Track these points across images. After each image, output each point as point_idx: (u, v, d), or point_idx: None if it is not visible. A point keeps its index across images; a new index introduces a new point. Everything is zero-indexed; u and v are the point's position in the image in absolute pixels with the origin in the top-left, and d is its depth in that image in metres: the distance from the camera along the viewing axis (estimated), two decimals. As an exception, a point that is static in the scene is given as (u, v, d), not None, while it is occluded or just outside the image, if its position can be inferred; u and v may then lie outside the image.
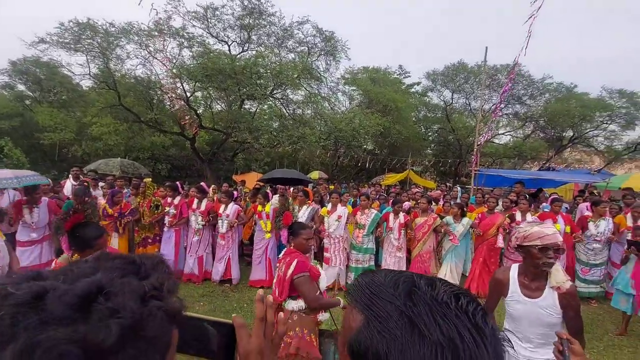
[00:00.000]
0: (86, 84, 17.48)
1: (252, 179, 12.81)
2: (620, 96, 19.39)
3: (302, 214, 5.72)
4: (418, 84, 23.49)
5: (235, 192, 7.24)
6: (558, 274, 1.81)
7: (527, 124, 22.43)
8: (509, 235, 5.14)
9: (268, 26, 14.39)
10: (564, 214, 5.80)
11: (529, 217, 5.66)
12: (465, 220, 5.73)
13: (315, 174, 17.84)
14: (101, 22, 12.49)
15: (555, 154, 22.76)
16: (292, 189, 7.79)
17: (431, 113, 23.14)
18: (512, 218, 5.79)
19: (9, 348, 0.36)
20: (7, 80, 19.46)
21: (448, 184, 13.67)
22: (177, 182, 6.96)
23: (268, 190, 7.35)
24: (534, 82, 19.90)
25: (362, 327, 0.51)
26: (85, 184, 6.77)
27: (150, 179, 7.25)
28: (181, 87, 13.53)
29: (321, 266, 5.80)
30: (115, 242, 5.40)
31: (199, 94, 15.64)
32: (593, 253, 5.42)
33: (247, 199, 6.92)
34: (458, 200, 8.83)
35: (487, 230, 5.63)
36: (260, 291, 0.71)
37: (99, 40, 12.46)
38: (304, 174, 10.01)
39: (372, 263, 5.79)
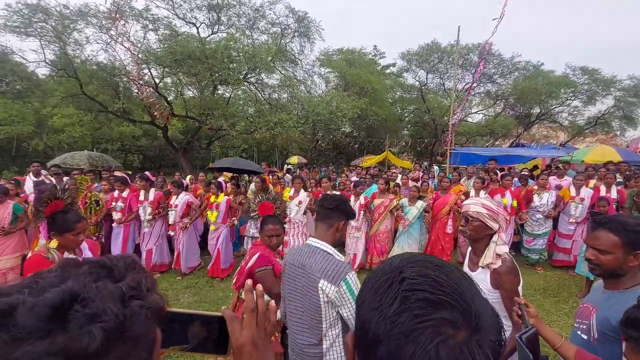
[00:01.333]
0: (42, 71, 16.25)
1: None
2: (582, 73, 20.28)
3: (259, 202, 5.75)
4: (393, 64, 23.52)
5: (222, 184, 6.96)
6: (488, 253, 1.83)
7: (497, 102, 23.12)
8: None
9: (238, 6, 13.76)
10: (512, 189, 6.07)
11: (482, 194, 5.88)
12: (420, 203, 5.89)
13: (294, 159, 17.70)
14: (54, 4, 11.47)
15: (524, 131, 23.73)
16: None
17: (407, 94, 23.31)
18: (466, 195, 6.00)
19: None
20: (-51, 70, 17.76)
21: (424, 164, 13.96)
22: (147, 172, 6.58)
23: (221, 180, 7.19)
24: (504, 61, 20.40)
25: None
26: (48, 180, 6.34)
27: (82, 176, 6.73)
28: (149, 74, 12.81)
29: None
30: (52, 243, 4.90)
31: (168, 80, 14.91)
32: (537, 224, 5.79)
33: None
34: (436, 180, 9.08)
35: (440, 209, 5.78)
36: (249, 281, 0.69)
37: (53, 24, 11.46)
38: (255, 164, 9.87)
39: None
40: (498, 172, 8.59)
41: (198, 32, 14.03)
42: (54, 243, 2.14)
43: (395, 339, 0.46)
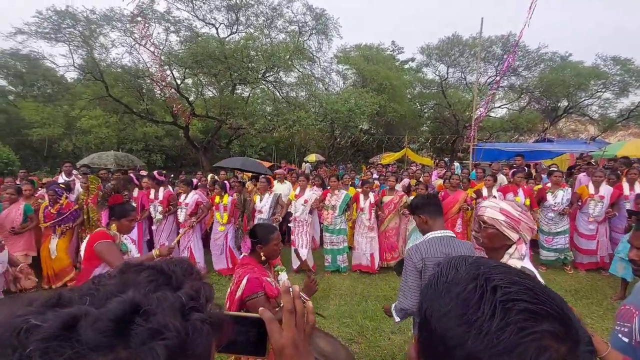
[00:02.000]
0: (71, 75, 16.90)
1: (249, 166, 12.68)
2: (614, 63, 19.26)
3: (265, 202, 5.74)
4: (412, 59, 23.08)
5: (226, 184, 7.08)
6: (506, 262, 1.63)
7: (522, 95, 22.30)
8: (475, 212, 5.20)
9: (256, 5, 13.83)
10: (525, 187, 5.80)
11: (494, 192, 5.68)
12: None
13: (312, 157, 17.72)
14: (81, 10, 11.89)
15: (551, 125, 22.81)
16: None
17: (426, 89, 22.84)
18: (478, 194, 5.81)
19: None
20: (-16, 76, 18.80)
21: (444, 160, 13.64)
22: (155, 172, 6.71)
23: (226, 181, 7.29)
24: (529, 53, 19.63)
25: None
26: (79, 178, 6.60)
27: (94, 175, 6.96)
28: (171, 75, 13.11)
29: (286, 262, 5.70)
30: (54, 243, 4.94)
31: (189, 81, 15.22)
32: (553, 222, 5.52)
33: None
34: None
35: (449, 208, 5.53)
36: (287, 282, 0.69)
37: (81, 29, 11.90)
38: (263, 166, 9.97)
39: (346, 244, 5.83)
40: (526, 168, 8.30)
41: (217, 33, 14.23)
42: (113, 228, 2.59)
43: (497, 355, 0.42)
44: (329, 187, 5.99)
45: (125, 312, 0.38)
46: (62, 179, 6.85)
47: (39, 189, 6.26)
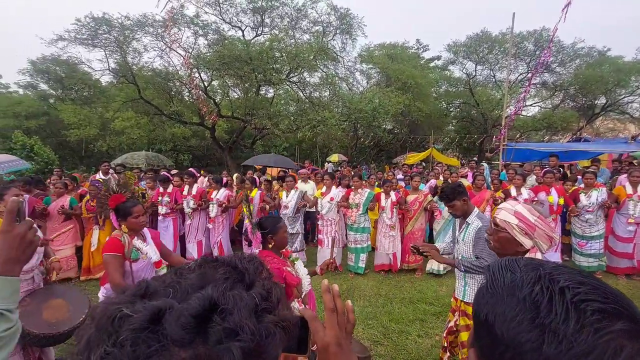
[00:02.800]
0: (105, 79, 17.75)
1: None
2: (659, 57, 18.01)
3: (291, 198, 5.83)
4: (438, 57, 22.54)
5: (256, 179, 7.29)
6: None
7: (556, 93, 21.25)
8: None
9: (281, 7, 13.98)
10: (557, 186, 5.58)
11: (524, 192, 5.50)
12: None
13: (334, 157, 17.69)
14: (116, 16, 12.48)
15: (587, 124, 21.61)
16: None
17: (453, 87, 22.22)
18: (506, 194, 5.65)
19: None
20: (29, 80, 20.07)
21: (472, 160, 13.22)
22: (191, 169, 7.06)
23: (255, 177, 7.46)
24: (564, 48, 18.67)
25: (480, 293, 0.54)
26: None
27: (131, 171, 7.46)
28: (199, 77, 13.49)
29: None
30: (95, 236, 5.31)
31: (215, 82, 15.59)
32: (587, 225, 5.28)
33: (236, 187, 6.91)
34: (488, 178, 8.58)
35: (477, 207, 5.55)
36: (325, 281, 0.70)
37: (116, 35, 12.48)
38: (292, 162, 10.20)
39: (369, 243, 5.85)
40: (560, 169, 7.93)
41: (243, 35, 14.50)
42: (124, 228, 2.53)
43: (574, 358, 0.41)
44: (352, 187, 6.03)
45: (204, 310, 0.40)
46: (99, 177, 7.30)
47: (81, 185, 6.73)
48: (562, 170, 8.22)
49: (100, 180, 6.15)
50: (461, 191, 2.70)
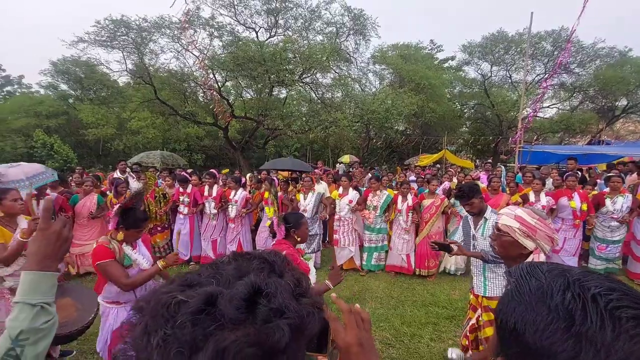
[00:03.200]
0: (123, 80, 18.17)
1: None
2: (685, 57, 17.34)
3: (309, 201, 5.85)
4: (452, 58, 22.28)
5: (275, 180, 7.35)
6: None
7: (575, 94, 20.70)
8: None
9: (295, 8, 14.05)
10: (580, 191, 5.40)
11: (542, 197, 5.37)
12: None
13: (346, 158, 17.65)
14: (134, 18, 12.76)
15: (606, 126, 20.97)
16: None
17: (467, 88, 21.87)
18: (524, 199, 5.51)
19: (200, 355, 0.38)
20: (50, 80, 20.73)
21: (490, 162, 12.97)
22: (213, 170, 7.17)
23: (274, 177, 7.49)
24: (584, 48, 18.17)
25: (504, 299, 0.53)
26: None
27: (151, 171, 7.65)
28: (213, 78, 13.67)
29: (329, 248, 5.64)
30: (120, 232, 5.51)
31: (229, 83, 15.76)
32: (609, 230, 5.20)
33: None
34: (503, 180, 8.42)
35: None
36: (333, 295, 0.74)
37: (133, 36, 12.76)
38: (308, 165, 10.38)
39: (385, 243, 5.90)
40: (579, 172, 7.71)
41: (257, 36, 14.63)
42: (120, 235, 2.42)
43: None
44: (367, 188, 6.03)
45: (251, 293, 0.43)
46: (116, 175, 7.47)
47: (104, 183, 6.94)
48: (580, 173, 8.00)
49: (121, 179, 6.33)
50: (478, 189, 2.91)
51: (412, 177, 9.03)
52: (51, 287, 0.89)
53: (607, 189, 5.44)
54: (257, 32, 14.67)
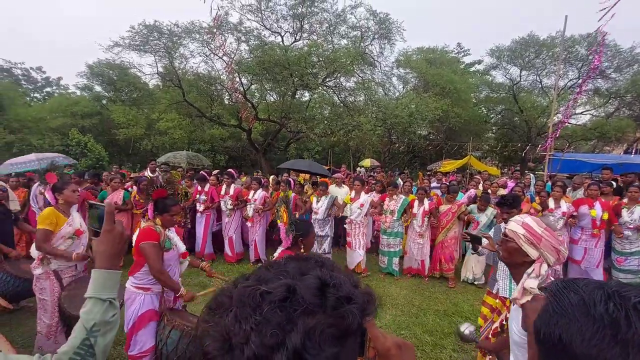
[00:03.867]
0: (152, 82, 18.90)
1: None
2: None
3: (322, 204, 5.95)
4: (479, 62, 21.75)
5: (291, 182, 7.46)
6: (518, 285, 1.48)
7: (610, 100, 19.70)
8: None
9: (320, 13, 14.18)
10: (602, 200, 5.21)
11: (563, 204, 5.25)
12: (490, 210, 5.53)
13: (367, 162, 17.56)
14: (166, 24, 13.27)
15: (645, 134, 19.81)
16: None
17: (494, 93, 21.28)
18: (544, 206, 5.42)
19: (292, 335, 0.43)
20: (85, 82, 21.88)
21: (517, 171, 12.51)
22: (231, 170, 7.39)
23: (291, 179, 7.61)
24: (621, 52, 17.29)
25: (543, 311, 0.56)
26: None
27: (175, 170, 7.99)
28: (239, 81, 14.00)
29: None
30: None
31: (253, 86, 16.09)
32: (628, 242, 5.04)
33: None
34: (532, 189, 8.11)
35: None
36: None
37: (165, 41, 13.27)
38: (324, 168, 10.49)
39: (401, 247, 5.95)
40: (614, 183, 7.33)
41: (282, 40, 14.85)
42: (158, 221, 2.71)
43: None
44: (387, 192, 6.05)
45: (321, 284, 0.49)
46: (147, 174, 7.80)
47: (128, 180, 7.27)
48: (615, 184, 7.60)
49: (148, 177, 6.62)
50: (520, 201, 3.25)
51: (435, 184, 8.86)
52: (116, 284, 0.98)
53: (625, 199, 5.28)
54: (282, 37, 14.91)
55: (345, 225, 6.12)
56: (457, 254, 5.93)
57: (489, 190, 6.71)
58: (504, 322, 2.64)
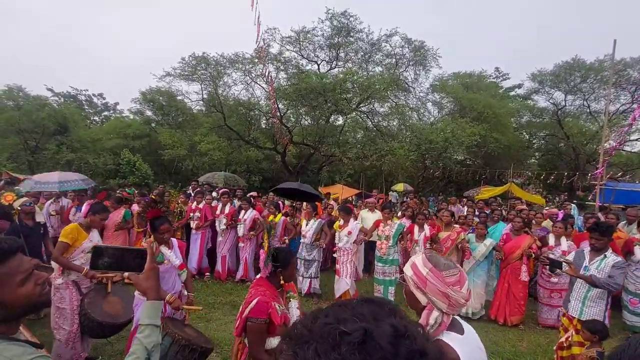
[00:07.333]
0: (196, 107, 20.26)
1: (337, 191, 13.03)
2: None
3: (310, 227, 5.85)
4: (519, 86, 21.11)
5: (280, 205, 7.51)
6: None
7: (671, 126, 18.13)
8: (539, 261, 4.79)
9: (356, 42, 14.67)
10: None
11: (563, 242, 4.92)
12: (489, 240, 5.32)
13: (400, 186, 17.26)
14: (213, 55, 14.38)
15: None
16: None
17: (537, 118, 20.41)
18: (543, 242, 5.13)
19: None
20: (138, 107, 23.97)
21: (566, 201, 11.66)
22: (226, 189, 7.51)
23: (279, 202, 7.59)
24: (681, 75, 16.08)
25: None
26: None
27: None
28: (276, 107, 14.66)
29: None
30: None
31: (289, 111, 16.75)
32: None
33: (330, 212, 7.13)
34: (579, 220, 7.53)
35: (511, 253, 5.18)
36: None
37: (211, 70, 14.33)
38: (315, 190, 10.17)
39: (397, 276, 5.53)
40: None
41: (319, 68, 15.45)
42: (152, 238, 3.06)
43: None
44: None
45: (397, 334, 0.50)
46: (189, 191, 8.30)
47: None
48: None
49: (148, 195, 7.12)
50: (613, 231, 3.46)
51: (464, 211, 8.44)
52: (159, 312, 1.19)
53: (637, 235, 4.90)
54: (318, 65, 15.52)
55: (335, 254, 5.89)
56: None
57: (534, 221, 6.34)
58: (569, 338, 3.23)
